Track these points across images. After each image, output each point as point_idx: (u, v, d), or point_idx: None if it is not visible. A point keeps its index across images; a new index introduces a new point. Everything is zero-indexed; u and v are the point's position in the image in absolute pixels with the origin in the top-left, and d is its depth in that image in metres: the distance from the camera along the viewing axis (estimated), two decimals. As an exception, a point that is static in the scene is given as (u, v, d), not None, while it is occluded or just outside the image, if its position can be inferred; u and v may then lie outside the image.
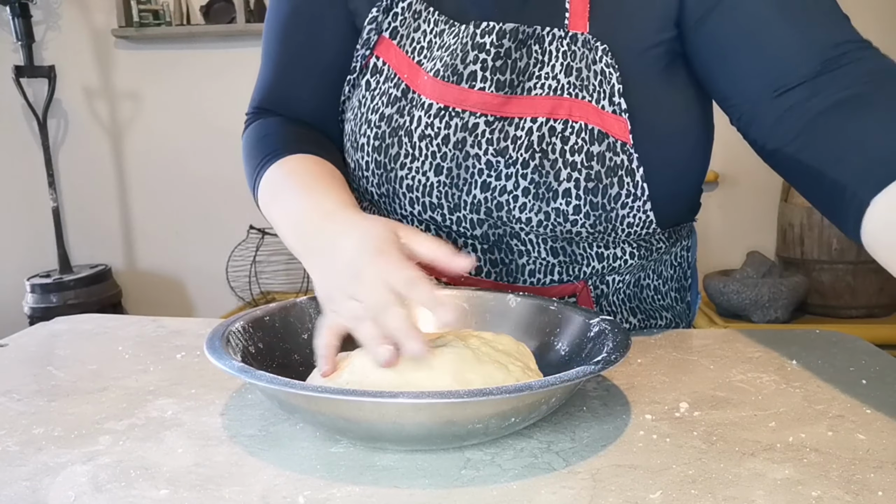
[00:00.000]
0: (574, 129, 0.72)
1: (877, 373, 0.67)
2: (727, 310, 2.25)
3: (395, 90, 0.77)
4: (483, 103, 0.74)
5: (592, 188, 0.72)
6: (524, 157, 0.72)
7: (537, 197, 0.73)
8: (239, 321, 0.64)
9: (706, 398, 0.62)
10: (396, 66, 0.78)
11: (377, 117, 0.77)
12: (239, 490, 0.48)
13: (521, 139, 0.73)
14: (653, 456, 0.52)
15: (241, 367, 0.53)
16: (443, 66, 0.74)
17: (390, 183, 0.77)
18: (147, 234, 3.10)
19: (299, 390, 0.50)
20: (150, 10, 2.89)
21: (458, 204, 0.75)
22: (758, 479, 0.48)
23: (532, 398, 0.50)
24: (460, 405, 0.48)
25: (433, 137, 0.74)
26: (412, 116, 0.75)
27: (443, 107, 0.74)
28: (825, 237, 2.21)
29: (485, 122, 0.74)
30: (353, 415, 0.50)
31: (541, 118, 0.73)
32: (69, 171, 3.05)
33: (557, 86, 0.72)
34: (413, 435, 0.51)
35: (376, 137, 0.77)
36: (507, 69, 0.73)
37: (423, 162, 0.75)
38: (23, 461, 0.53)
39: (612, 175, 0.72)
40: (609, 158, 0.72)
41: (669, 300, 0.87)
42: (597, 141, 0.72)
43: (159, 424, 0.59)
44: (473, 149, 0.74)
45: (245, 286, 2.86)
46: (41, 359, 0.78)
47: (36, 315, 2.65)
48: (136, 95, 2.99)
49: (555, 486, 0.48)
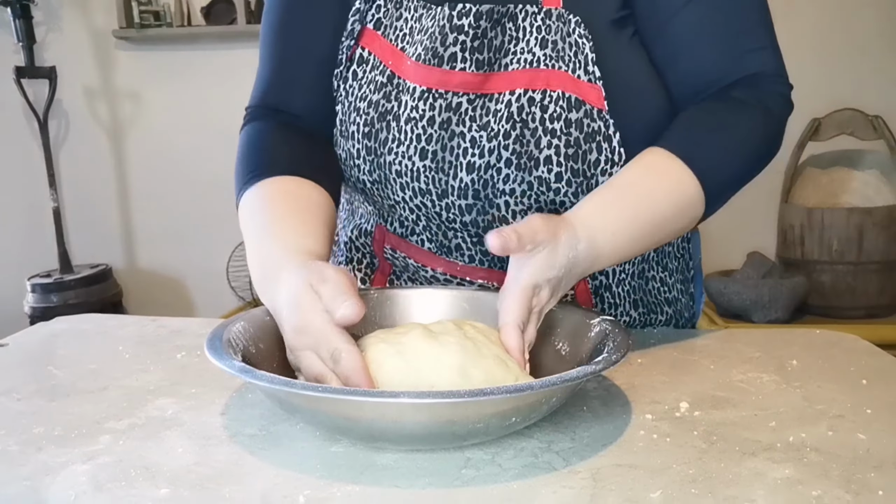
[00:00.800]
0: (552, 98, 0.74)
1: (877, 373, 0.67)
2: (728, 310, 2.25)
3: (382, 77, 0.78)
4: (464, 83, 0.76)
5: (572, 154, 0.74)
6: (505, 128, 0.74)
7: (520, 167, 0.74)
8: (239, 321, 0.64)
9: (706, 398, 0.62)
10: (381, 55, 0.79)
11: (365, 104, 0.78)
12: (239, 489, 0.48)
13: (502, 112, 0.75)
14: (653, 455, 0.52)
15: (242, 367, 0.53)
16: (423, 49, 0.76)
17: (381, 169, 0.78)
18: (147, 234, 3.10)
19: (301, 390, 0.50)
20: (151, 12, 2.89)
21: (445, 190, 0.76)
22: (758, 479, 0.48)
23: (533, 398, 0.50)
24: (461, 405, 0.48)
25: (418, 120, 0.76)
26: (399, 101, 0.77)
27: (426, 89, 0.76)
28: (825, 238, 2.21)
29: (467, 101, 0.76)
30: (354, 414, 0.50)
31: (519, 90, 0.75)
32: (70, 172, 3.05)
33: (533, 59, 0.75)
34: (413, 434, 0.51)
35: (366, 124, 0.78)
36: (485, 48, 0.76)
37: (409, 146, 0.76)
38: (23, 461, 0.53)
39: (591, 141, 0.74)
40: (587, 125, 0.74)
41: (676, 292, 0.88)
42: (574, 108, 0.74)
43: (159, 424, 0.59)
44: (458, 127, 0.75)
45: (246, 286, 2.86)
46: (41, 358, 0.78)
47: (36, 315, 2.65)
48: (137, 96, 2.99)
49: (555, 485, 0.48)
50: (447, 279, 0.82)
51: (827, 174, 2.31)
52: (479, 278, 0.81)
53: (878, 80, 2.58)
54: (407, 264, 0.84)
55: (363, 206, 0.88)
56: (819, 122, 2.33)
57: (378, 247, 0.86)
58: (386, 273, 0.88)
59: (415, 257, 0.83)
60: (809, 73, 2.54)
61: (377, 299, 0.73)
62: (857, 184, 2.26)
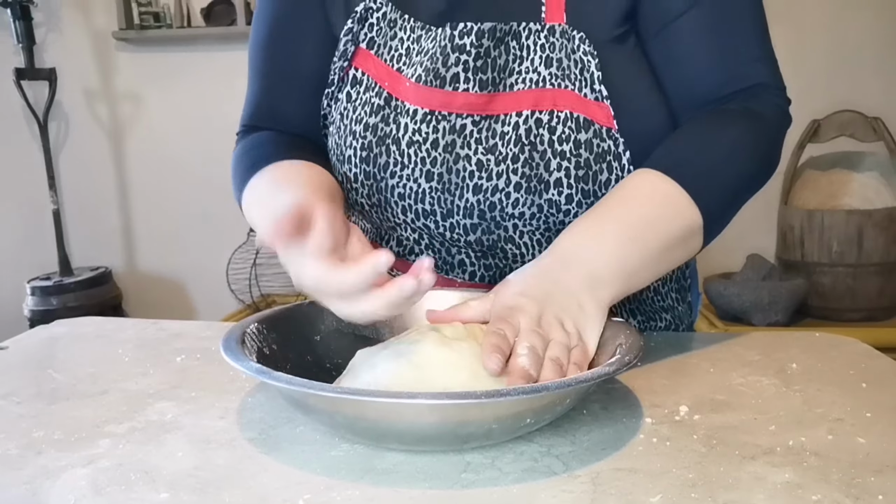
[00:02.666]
0: (560, 118, 0.73)
1: (877, 376, 0.67)
2: (727, 312, 2.25)
3: (378, 99, 0.77)
4: (468, 104, 0.74)
5: (583, 175, 0.73)
6: (513, 151, 0.73)
7: (529, 190, 0.73)
8: (252, 323, 0.64)
9: (706, 401, 0.62)
10: (376, 76, 0.78)
11: (361, 128, 0.77)
12: (239, 493, 0.48)
13: (509, 134, 0.73)
14: (653, 459, 0.52)
15: (259, 369, 0.53)
16: (424, 71, 0.75)
17: (381, 193, 0.77)
18: (147, 237, 3.10)
19: (330, 393, 0.50)
20: (151, 13, 2.89)
21: (450, 209, 0.75)
22: (758, 483, 0.48)
23: (548, 399, 0.51)
24: (477, 406, 0.48)
25: (422, 143, 0.74)
26: (398, 124, 0.75)
27: (428, 111, 0.74)
28: (825, 240, 2.21)
29: (472, 123, 0.74)
30: (371, 415, 0.50)
31: (526, 111, 0.74)
32: (70, 174, 3.05)
33: (539, 78, 0.73)
34: (430, 435, 0.51)
35: (363, 148, 0.76)
36: (489, 68, 0.74)
37: (413, 169, 0.75)
38: (23, 464, 0.53)
39: (601, 161, 0.73)
40: (597, 145, 0.73)
41: (670, 301, 0.87)
42: (583, 129, 0.73)
43: (159, 427, 0.59)
44: (463, 150, 0.74)
45: (245, 289, 2.86)
46: (41, 362, 0.78)
47: (36, 318, 2.65)
48: (137, 98, 2.99)
49: (555, 489, 0.48)
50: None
51: (827, 176, 2.31)
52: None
53: (878, 81, 2.59)
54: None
55: (361, 223, 0.87)
56: (819, 123, 2.33)
57: None
58: None
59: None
60: (809, 75, 2.54)
61: None
62: (857, 185, 2.26)
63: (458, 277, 0.81)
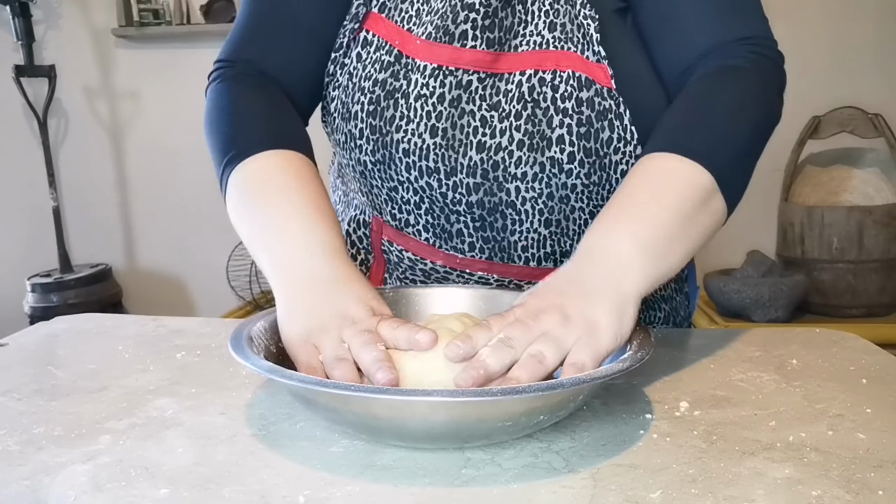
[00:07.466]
0: (562, 77, 0.75)
1: (877, 372, 0.67)
2: (727, 309, 2.25)
3: (388, 56, 0.78)
4: (475, 60, 0.76)
5: (585, 133, 0.74)
6: (517, 108, 0.75)
7: (532, 148, 0.74)
8: (260, 320, 0.64)
9: (706, 397, 0.62)
10: (387, 36, 0.79)
11: (370, 83, 0.77)
12: (239, 489, 0.48)
13: (513, 92, 0.75)
14: (653, 455, 0.52)
15: (270, 367, 0.53)
16: (434, 28, 0.76)
17: (386, 148, 0.77)
18: (147, 234, 3.10)
19: (343, 391, 0.49)
20: (151, 10, 2.89)
21: (454, 167, 0.76)
22: (758, 479, 0.48)
23: (562, 396, 0.51)
24: (492, 403, 0.48)
25: (429, 97, 0.75)
26: (408, 80, 0.76)
27: (437, 66, 0.76)
28: (826, 236, 2.21)
29: (477, 79, 0.76)
30: (384, 413, 0.50)
31: (529, 70, 0.75)
32: (69, 171, 3.05)
33: (542, 41, 0.76)
34: (444, 432, 0.51)
35: (371, 102, 0.77)
36: (496, 27, 0.76)
37: (419, 123, 0.76)
38: (23, 461, 0.53)
39: (603, 119, 0.74)
40: (598, 103, 0.74)
41: (669, 290, 0.88)
42: (585, 87, 0.74)
43: (160, 424, 0.59)
44: (469, 105, 0.76)
45: (245, 285, 2.86)
46: (41, 358, 0.78)
47: (36, 314, 2.65)
48: (137, 95, 2.99)
49: (555, 485, 0.48)
50: (447, 272, 0.82)
51: (827, 172, 2.31)
52: (478, 270, 0.81)
53: (879, 78, 2.58)
54: (403, 257, 0.83)
55: (358, 197, 0.87)
56: (819, 120, 2.33)
57: (376, 238, 0.86)
58: (380, 272, 0.87)
59: (412, 249, 0.83)
60: (810, 71, 2.54)
61: (392, 298, 0.73)
62: (858, 182, 2.26)
63: (456, 249, 0.81)
